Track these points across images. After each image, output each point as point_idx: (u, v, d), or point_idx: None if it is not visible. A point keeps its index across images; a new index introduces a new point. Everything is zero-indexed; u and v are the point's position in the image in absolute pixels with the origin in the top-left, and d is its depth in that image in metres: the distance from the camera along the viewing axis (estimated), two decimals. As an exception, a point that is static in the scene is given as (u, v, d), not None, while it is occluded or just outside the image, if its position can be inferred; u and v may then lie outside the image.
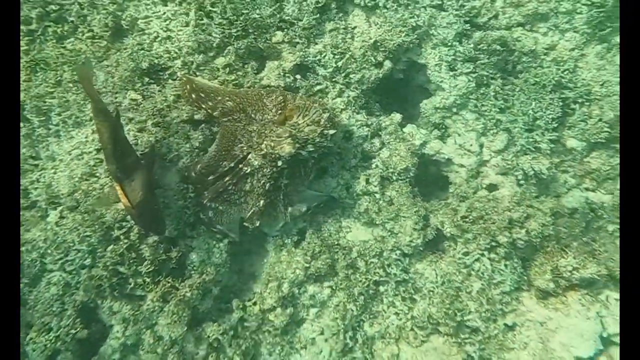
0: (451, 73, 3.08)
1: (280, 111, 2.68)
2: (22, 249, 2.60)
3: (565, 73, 3.09)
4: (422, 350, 2.83)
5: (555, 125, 3.02)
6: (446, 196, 3.17)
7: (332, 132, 2.57)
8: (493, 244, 2.88)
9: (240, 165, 2.67)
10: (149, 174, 2.42)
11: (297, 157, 2.56)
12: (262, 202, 2.71)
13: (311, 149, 2.52)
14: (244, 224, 2.75)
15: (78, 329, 2.51)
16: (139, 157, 2.47)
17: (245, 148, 2.65)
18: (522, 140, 3.03)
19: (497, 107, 3.06)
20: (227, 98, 2.81)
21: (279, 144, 2.47)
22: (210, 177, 2.73)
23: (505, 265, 2.87)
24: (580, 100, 3.10)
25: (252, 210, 2.72)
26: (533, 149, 3.01)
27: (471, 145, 3.06)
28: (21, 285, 2.58)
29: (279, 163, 2.53)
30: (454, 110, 3.13)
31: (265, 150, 2.53)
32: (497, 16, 3.17)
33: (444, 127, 3.17)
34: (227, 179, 2.71)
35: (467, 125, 3.10)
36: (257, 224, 2.73)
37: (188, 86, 2.87)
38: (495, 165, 3.07)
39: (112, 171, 2.34)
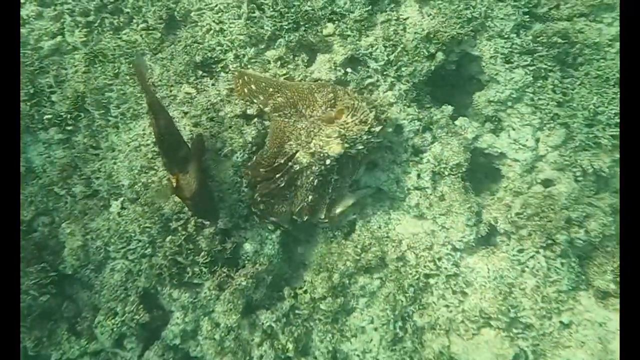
0: (507, 66, 2.77)
1: (329, 108, 2.50)
2: (87, 236, 2.54)
3: (629, 65, 2.76)
4: (473, 343, 2.64)
5: (618, 120, 2.71)
6: (497, 189, 2.91)
7: (378, 128, 2.40)
8: (549, 241, 2.64)
9: (290, 163, 2.52)
10: (199, 164, 2.32)
11: (345, 154, 2.39)
12: (310, 197, 2.54)
13: (360, 147, 2.37)
14: (294, 217, 2.61)
15: (142, 315, 2.45)
16: (190, 148, 2.35)
17: (294, 145, 2.49)
18: (582, 136, 2.72)
19: (555, 101, 2.75)
20: (279, 93, 2.62)
21: (327, 144, 2.34)
22: (262, 172, 2.58)
23: (562, 264, 2.62)
24: (644, 94, 2.78)
25: (300, 205, 2.56)
26: (593, 145, 2.71)
27: (527, 140, 2.78)
28: (87, 271, 2.53)
29: (327, 162, 2.39)
30: (509, 103, 2.83)
31: (314, 149, 2.39)
32: (559, 6, 2.83)
33: (497, 120, 2.89)
34: (278, 175, 2.56)
35: (522, 119, 2.80)
36: (306, 219, 2.59)
37: (240, 80, 2.68)
38: (552, 161, 2.79)
39: (166, 164, 2.26)
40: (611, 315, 2.55)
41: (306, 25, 2.79)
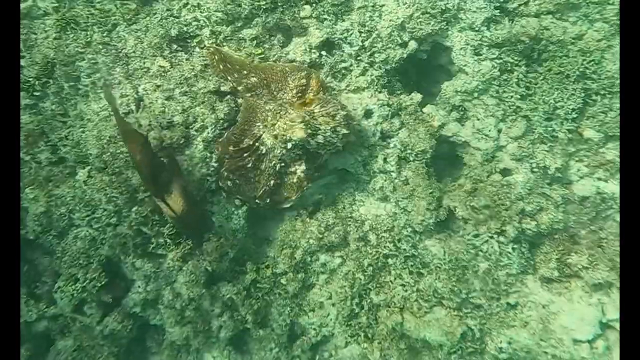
0: (476, 58, 2.76)
1: (300, 93, 2.46)
2: (51, 202, 2.45)
3: (590, 64, 2.75)
4: (425, 320, 2.68)
5: (575, 115, 2.73)
6: (459, 176, 2.93)
7: (344, 131, 2.35)
8: (503, 228, 2.68)
9: (257, 144, 2.47)
10: (181, 182, 2.28)
11: (305, 145, 2.35)
12: (272, 182, 2.50)
13: (320, 140, 2.33)
14: (256, 201, 2.56)
15: (103, 282, 2.40)
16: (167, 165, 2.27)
17: (261, 127, 2.45)
18: (541, 129, 2.75)
19: (519, 94, 2.75)
20: (253, 73, 2.56)
21: (291, 127, 2.29)
22: (231, 150, 2.52)
23: (513, 249, 2.67)
24: (602, 92, 2.77)
25: (262, 189, 2.52)
26: (550, 138, 2.74)
27: (489, 130, 2.78)
28: (50, 237, 2.47)
29: (289, 145, 2.34)
30: (475, 94, 2.83)
31: (277, 131, 2.35)
32: (528, 3, 2.81)
33: (463, 109, 2.88)
34: (245, 155, 2.51)
35: (487, 110, 2.81)
36: (267, 201, 2.55)
37: (216, 56, 2.60)
38: (511, 152, 2.80)
39: (150, 190, 2.23)
40: (554, 298, 2.62)
41: (284, 6, 2.72)
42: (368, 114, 2.84)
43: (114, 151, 2.49)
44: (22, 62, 2.56)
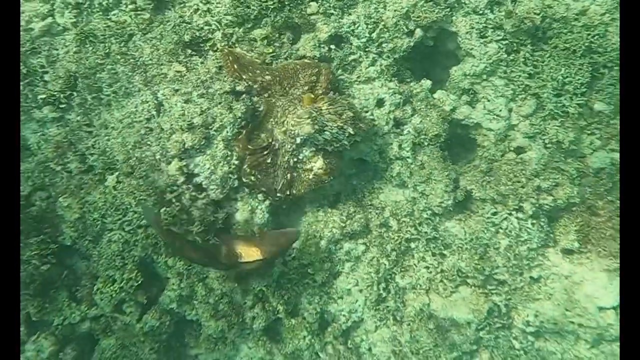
0: (482, 40, 2.83)
1: (309, 90, 2.54)
2: (84, 209, 2.57)
3: (595, 38, 2.81)
4: (451, 300, 2.77)
5: (584, 89, 2.79)
6: (474, 158, 3.00)
7: (350, 130, 2.41)
8: (521, 205, 2.75)
9: (271, 140, 2.56)
10: (230, 238, 2.41)
11: (313, 141, 2.42)
12: (289, 175, 2.58)
13: (327, 137, 2.40)
14: (277, 194, 2.65)
15: (139, 281, 2.51)
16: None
17: (273, 123, 2.53)
18: (551, 105, 2.81)
19: (527, 73, 2.83)
20: (267, 72, 2.66)
21: (299, 123, 2.37)
22: (249, 146, 2.62)
23: (532, 224, 2.75)
24: (609, 65, 2.83)
25: (281, 183, 2.61)
26: (561, 114, 2.80)
27: (500, 110, 2.86)
28: (85, 242, 2.58)
29: (298, 140, 2.42)
30: (484, 76, 2.90)
31: (286, 127, 2.43)
32: (529, -18, 2.89)
33: (473, 92, 2.96)
34: (264, 151, 2.60)
35: (496, 91, 2.89)
36: (288, 194, 2.64)
37: (230, 57, 2.70)
38: (524, 130, 2.86)
39: (221, 267, 2.37)
40: (576, 269, 2.70)
41: (291, 5, 2.81)
42: (380, 103, 2.93)
43: (139, 156, 2.60)
44: (46, 77, 2.67)
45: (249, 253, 2.24)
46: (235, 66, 2.69)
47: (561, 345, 2.83)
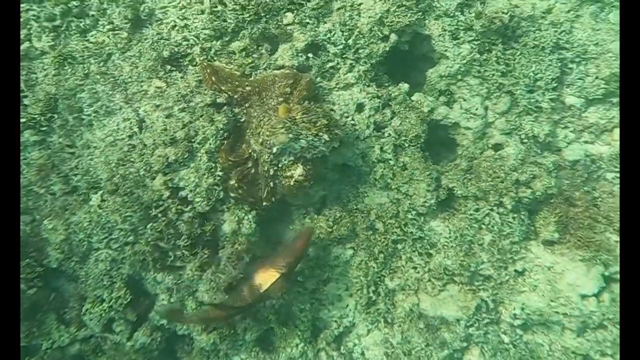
0: (454, 42, 2.94)
1: (283, 100, 2.58)
2: (69, 230, 2.59)
3: (562, 34, 2.96)
4: (440, 298, 2.83)
5: (555, 84, 2.91)
6: (454, 157, 3.09)
7: (326, 137, 2.44)
8: (501, 200, 2.84)
9: (250, 151, 2.62)
10: (248, 280, 2.42)
11: (290, 150, 2.46)
12: (271, 183, 2.62)
13: (304, 144, 2.43)
14: (263, 203, 2.68)
15: (128, 299, 2.53)
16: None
17: (249, 134, 2.60)
18: (524, 101, 2.93)
19: (500, 72, 2.94)
20: (246, 83, 2.72)
21: (273, 133, 2.41)
22: (230, 158, 2.67)
23: (514, 218, 2.83)
24: (577, 60, 2.98)
25: (265, 191, 2.64)
26: (535, 109, 2.91)
27: (477, 109, 2.96)
28: (72, 263, 2.59)
29: (274, 150, 2.45)
30: (459, 77, 3.01)
31: (262, 137, 2.48)
32: (496, -17, 3.02)
33: (449, 93, 3.06)
34: (248, 164, 2.64)
35: (471, 90, 2.99)
36: (273, 201, 2.68)
37: (208, 70, 2.76)
38: (500, 127, 2.97)
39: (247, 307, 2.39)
40: (557, 259, 2.78)
41: (267, 16, 2.89)
42: (360, 107, 3.01)
43: (122, 173, 2.62)
44: (26, 101, 2.70)
45: (266, 278, 2.25)
46: (213, 78, 2.74)
47: (548, 337, 2.90)
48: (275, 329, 2.72)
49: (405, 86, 3.07)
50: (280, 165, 2.56)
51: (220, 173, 2.73)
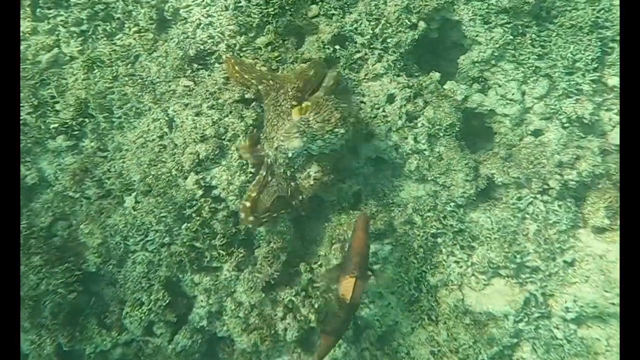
0: (486, 26, 2.94)
1: (294, 102, 2.55)
2: (106, 233, 2.66)
3: (600, 13, 2.92)
4: (486, 293, 2.81)
5: (596, 65, 2.88)
6: (492, 146, 3.07)
7: (342, 131, 2.42)
8: (545, 186, 2.81)
9: (262, 154, 2.65)
10: None
11: (309, 151, 2.47)
12: (292, 184, 2.61)
13: (321, 144, 2.44)
14: (293, 203, 2.68)
15: (166, 301, 2.58)
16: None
17: (262, 137, 2.63)
18: (563, 84, 2.90)
19: (535, 55, 2.93)
20: (270, 76, 2.76)
21: (288, 138, 2.43)
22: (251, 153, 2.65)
23: (559, 206, 2.81)
24: (618, 39, 2.94)
25: (288, 192, 2.61)
26: (575, 91, 2.88)
27: (513, 94, 2.95)
28: (110, 266, 2.67)
29: (290, 154, 2.47)
30: (492, 62, 3.00)
31: (276, 142, 2.50)
32: (527, -38, 3.02)
33: (483, 80, 3.06)
34: (263, 172, 2.61)
35: (506, 75, 2.98)
36: (301, 200, 2.66)
37: (236, 67, 2.81)
38: (539, 112, 2.95)
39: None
40: (609, 247, 2.73)
41: (291, 9, 2.95)
42: (391, 98, 3.03)
43: (155, 173, 2.70)
44: (57, 107, 2.82)
45: (346, 287, 2.23)
46: (237, 68, 2.74)
47: (605, 331, 2.84)
48: (316, 328, 2.73)
49: (436, 75, 3.08)
50: (296, 167, 2.57)
51: (252, 170, 2.79)
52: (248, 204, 2.57)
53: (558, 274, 2.80)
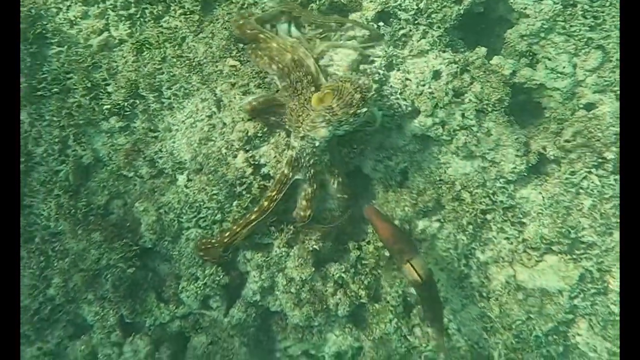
0: (535, -1, 3.06)
1: (312, 88, 2.68)
2: (160, 210, 2.89)
3: (655, -20, 2.99)
4: (538, 269, 2.92)
5: (653, 34, 2.95)
6: (542, 121, 3.17)
7: (364, 109, 2.54)
8: (600, 160, 2.89)
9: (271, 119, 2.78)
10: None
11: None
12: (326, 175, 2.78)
13: (347, 128, 2.59)
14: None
15: (221, 276, 2.78)
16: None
17: (287, 126, 2.75)
18: (618, 55, 2.97)
19: (587, 26, 3.02)
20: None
21: (314, 128, 2.57)
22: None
23: (615, 180, 2.89)
24: (675, 5, 3.00)
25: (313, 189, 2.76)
26: (631, 62, 2.95)
27: (564, 67, 3.04)
28: (165, 242, 2.89)
29: (317, 144, 2.64)
30: (542, 35, 3.10)
31: (302, 133, 2.65)
32: None
33: (531, 54, 3.17)
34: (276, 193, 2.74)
35: (557, 48, 3.07)
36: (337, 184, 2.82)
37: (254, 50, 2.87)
38: (592, 84, 3.04)
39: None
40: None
41: (335, -12, 3.12)
42: (437, 74, 3.16)
43: (205, 152, 2.92)
44: (109, 89, 3.06)
45: (409, 272, 2.40)
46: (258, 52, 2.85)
47: (664, 308, 2.90)
48: (367, 304, 2.89)
49: (482, 49, 3.19)
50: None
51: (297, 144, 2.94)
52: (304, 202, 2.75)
53: (615, 249, 2.89)
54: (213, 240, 2.75)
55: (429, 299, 2.57)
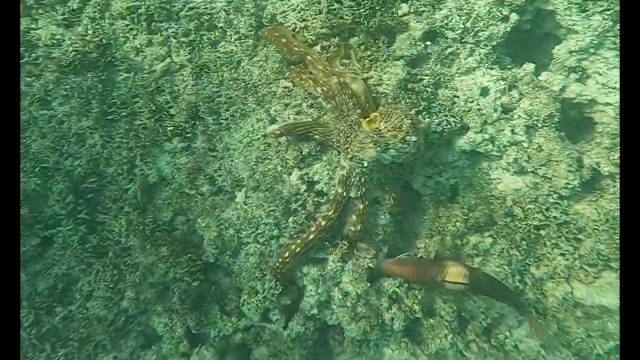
0: (583, 14, 3.14)
1: (359, 110, 2.83)
2: (221, 226, 3.08)
3: None
4: (596, 286, 2.95)
5: None
6: (593, 137, 3.24)
7: (414, 138, 2.65)
8: (658, 174, 2.91)
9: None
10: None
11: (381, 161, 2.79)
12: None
13: (394, 153, 2.70)
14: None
15: (279, 290, 2.94)
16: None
17: (336, 146, 2.93)
18: (672, 68, 3.02)
19: (639, 40, 3.08)
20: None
21: (362, 149, 2.73)
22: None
23: (675, 194, 2.89)
24: None
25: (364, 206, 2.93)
26: (686, 75, 2.99)
27: (615, 82, 3.11)
28: (226, 257, 3.09)
29: (365, 164, 2.81)
30: (591, 51, 3.19)
31: (351, 154, 2.83)
32: (622, -51, 3.18)
33: (580, 69, 3.25)
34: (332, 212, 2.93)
35: (607, 63, 3.15)
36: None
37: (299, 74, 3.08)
38: (646, 98, 3.08)
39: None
40: None
41: (382, 9, 3.30)
42: (485, 91, 3.29)
43: (262, 170, 3.13)
44: (172, 111, 3.32)
45: (455, 274, 2.63)
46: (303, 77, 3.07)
47: None
48: (422, 319, 2.98)
49: (531, 66, 3.31)
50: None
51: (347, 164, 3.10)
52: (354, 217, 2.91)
53: (677, 265, 2.88)
54: (278, 264, 2.92)
55: (490, 290, 2.69)
